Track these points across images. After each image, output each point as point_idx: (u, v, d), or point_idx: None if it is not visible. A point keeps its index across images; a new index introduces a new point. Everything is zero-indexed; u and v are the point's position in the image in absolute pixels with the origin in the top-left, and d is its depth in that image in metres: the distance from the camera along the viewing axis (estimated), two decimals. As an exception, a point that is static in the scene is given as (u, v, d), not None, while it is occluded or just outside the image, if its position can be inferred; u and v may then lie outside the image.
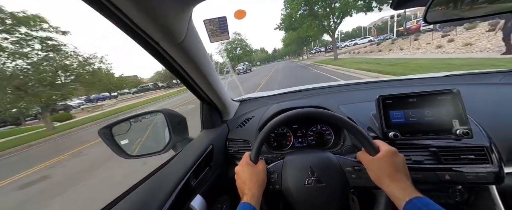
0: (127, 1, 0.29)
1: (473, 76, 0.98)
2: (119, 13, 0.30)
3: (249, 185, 0.51)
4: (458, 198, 0.64)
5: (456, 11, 0.51)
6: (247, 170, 0.54)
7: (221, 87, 0.81)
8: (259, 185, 0.52)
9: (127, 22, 0.32)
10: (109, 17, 0.32)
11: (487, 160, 0.55)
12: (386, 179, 0.45)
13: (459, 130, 0.58)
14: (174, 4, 0.34)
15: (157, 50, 0.42)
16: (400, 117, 0.65)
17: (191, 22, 0.42)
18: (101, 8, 0.30)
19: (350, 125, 0.54)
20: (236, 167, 0.58)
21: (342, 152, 0.76)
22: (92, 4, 0.29)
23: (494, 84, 0.84)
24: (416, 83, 1.03)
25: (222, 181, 0.81)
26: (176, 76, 0.57)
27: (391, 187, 0.43)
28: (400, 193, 0.42)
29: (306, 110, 0.60)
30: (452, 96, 0.61)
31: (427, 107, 0.63)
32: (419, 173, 0.59)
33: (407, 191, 0.41)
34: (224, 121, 0.96)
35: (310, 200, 0.51)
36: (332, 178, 0.53)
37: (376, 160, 0.48)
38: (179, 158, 0.70)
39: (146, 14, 0.32)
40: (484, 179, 0.54)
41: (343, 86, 1.17)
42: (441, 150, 0.60)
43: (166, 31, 0.37)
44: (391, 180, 0.44)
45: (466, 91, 0.80)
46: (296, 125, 0.91)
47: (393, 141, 0.64)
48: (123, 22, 0.33)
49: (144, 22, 0.34)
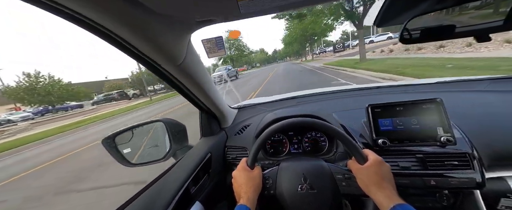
0: (131, 33, 0.33)
1: (461, 83, 1.02)
2: (124, 42, 0.34)
3: (245, 189, 0.54)
4: (445, 203, 0.67)
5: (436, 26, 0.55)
6: (243, 174, 0.58)
7: (219, 96, 0.85)
8: (254, 189, 0.55)
9: (132, 49, 0.37)
10: (115, 45, 0.36)
11: (470, 165, 0.59)
12: (373, 187, 0.48)
13: (443, 137, 0.61)
14: (173, 34, 0.38)
15: (160, 71, 0.47)
16: (388, 124, 0.69)
17: (190, 45, 0.47)
18: (107, 37, 0.34)
19: (341, 135, 0.58)
20: (234, 171, 0.61)
21: (335, 158, 0.79)
22: (99, 35, 0.33)
23: (480, 92, 0.88)
24: (407, 90, 1.07)
25: (220, 188, 0.84)
26: (176, 90, 0.61)
27: (377, 195, 0.47)
28: (385, 201, 0.45)
29: (299, 120, 0.64)
30: (435, 105, 0.65)
31: (413, 115, 0.67)
32: (407, 179, 0.62)
33: (392, 199, 0.45)
34: (222, 128, 1.00)
35: (303, 206, 0.54)
36: (323, 185, 0.56)
37: (365, 169, 0.51)
38: (178, 166, 0.73)
39: (148, 42, 0.36)
40: (466, 184, 0.57)
41: (337, 93, 1.21)
42: (427, 156, 0.63)
43: (167, 56, 0.41)
44: (378, 188, 0.48)
45: (453, 98, 0.84)
46: (291, 132, 0.94)
47: (382, 148, 0.67)
48: (127, 49, 0.37)
49: (147, 49, 0.38)
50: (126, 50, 0.37)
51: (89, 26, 0.32)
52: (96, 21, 0.31)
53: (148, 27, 0.34)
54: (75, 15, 0.29)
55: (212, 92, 0.75)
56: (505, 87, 0.86)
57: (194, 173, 0.67)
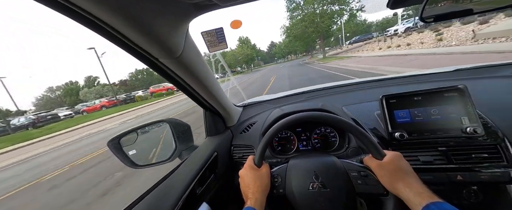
0: (123, 22, 0.30)
1: (483, 69, 0.94)
2: (117, 33, 0.32)
3: (253, 189, 0.51)
4: (473, 199, 0.61)
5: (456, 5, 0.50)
6: (250, 173, 0.55)
7: (223, 94, 0.82)
8: (262, 189, 0.52)
9: (126, 42, 0.34)
10: (108, 38, 0.34)
11: (501, 158, 0.53)
12: (400, 183, 0.43)
13: (469, 127, 0.56)
14: (169, 22, 0.36)
15: (157, 65, 0.44)
16: (406, 116, 0.64)
17: (188, 36, 0.44)
18: (100, 30, 0.32)
19: (355, 129, 0.54)
20: (240, 170, 0.58)
21: (347, 154, 0.75)
22: (91, 27, 0.31)
23: (506, 77, 0.81)
24: (422, 80, 1.00)
25: (228, 189, 0.82)
26: (177, 87, 0.59)
27: (406, 192, 0.42)
28: (416, 198, 0.40)
29: (308, 114, 0.60)
30: (459, 93, 0.59)
31: (433, 105, 0.61)
32: (429, 174, 0.57)
33: (423, 196, 0.39)
34: (228, 127, 0.97)
35: (314, 205, 0.51)
36: (337, 183, 0.52)
37: (386, 164, 0.47)
38: (184, 166, 0.71)
39: (142, 33, 0.33)
40: (499, 179, 0.52)
41: (346, 86, 1.16)
42: (451, 149, 0.57)
43: (164, 48, 0.39)
44: (405, 185, 0.42)
45: (477, 86, 0.77)
46: (299, 128, 0.90)
47: (400, 142, 0.62)
48: (121, 42, 0.34)
49: (142, 41, 0.35)
50: (119, 42, 0.35)
51: (77, 15, 0.30)
52: (84, 8, 0.29)
53: (141, 15, 0.31)
54: (63, 2, 0.26)
55: (216, 89, 0.72)
56: None
57: (200, 173, 0.65)
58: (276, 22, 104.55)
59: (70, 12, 0.28)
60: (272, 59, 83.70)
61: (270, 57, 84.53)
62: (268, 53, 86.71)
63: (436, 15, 0.46)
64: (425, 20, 0.45)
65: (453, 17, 0.48)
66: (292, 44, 37.76)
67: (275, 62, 72.08)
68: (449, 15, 0.47)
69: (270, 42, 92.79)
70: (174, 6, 0.34)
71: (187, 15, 0.38)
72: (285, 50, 65.24)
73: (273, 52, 77.17)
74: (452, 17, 0.47)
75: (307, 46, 39.19)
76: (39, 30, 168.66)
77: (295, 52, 66.91)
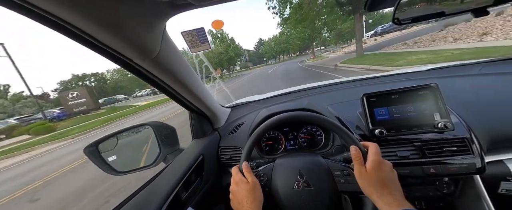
0: (91, 22, 0.28)
1: (454, 68, 1.02)
2: (85, 34, 0.30)
3: (247, 206, 0.49)
4: (445, 190, 0.65)
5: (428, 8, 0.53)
6: (242, 189, 0.52)
7: (208, 94, 0.81)
8: (257, 204, 0.50)
9: (95, 43, 0.32)
10: (75, 39, 0.32)
11: (469, 151, 0.57)
12: (374, 194, 0.45)
13: (440, 123, 0.60)
14: (142, 22, 0.34)
15: (133, 67, 0.42)
16: (385, 113, 0.67)
17: (165, 36, 0.42)
18: (66, 31, 0.30)
19: (336, 127, 0.55)
20: (231, 186, 0.56)
21: (332, 152, 0.77)
22: (54, 27, 0.29)
23: (474, 76, 0.87)
24: (401, 79, 1.06)
25: (215, 191, 0.80)
26: (158, 89, 0.56)
27: (378, 202, 0.44)
28: (385, 208, 0.42)
29: (292, 114, 0.61)
30: (431, 91, 0.63)
31: (409, 102, 0.65)
32: (406, 168, 0.60)
33: (392, 206, 0.42)
34: (215, 128, 0.96)
35: (299, 204, 0.51)
36: (320, 182, 0.53)
37: (365, 175, 0.48)
38: (168, 171, 0.69)
39: (112, 34, 0.31)
40: (466, 170, 0.56)
41: (331, 86, 1.19)
42: (425, 144, 0.61)
43: (138, 48, 0.37)
44: (378, 196, 0.44)
45: (448, 83, 0.82)
46: (286, 128, 0.91)
47: (379, 138, 0.65)
48: (90, 43, 0.32)
49: (112, 42, 0.33)
50: (86, 42, 0.32)
51: (43, 18, 0.27)
52: (50, 12, 0.26)
53: (110, 15, 0.29)
54: (25, 5, 0.24)
55: (200, 90, 0.70)
56: (498, 70, 0.85)
57: (184, 177, 0.63)
58: (265, 21, 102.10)
59: (25, 10, 0.26)
60: (260, 60, 73.71)
61: (258, 58, 75.07)
62: (255, 53, 78.47)
63: (409, 18, 0.48)
64: (398, 22, 0.48)
65: (424, 19, 0.51)
66: (290, 37, 29.89)
67: (265, 64, 61.24)
68: (420, 18, 0.50)
69: (258, 39, 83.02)
70: (147, 6, 0.32)
71: (162, 14, 0.36)
72: (277, 49, 56.64)
73: (262, 51, 67.42)
74: (423, 19, 0.50)
75: (310, 37, 28.59)
76: None
77: (288, 50, 55.71)
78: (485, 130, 0.62)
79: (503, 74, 0.80)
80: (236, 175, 0.56)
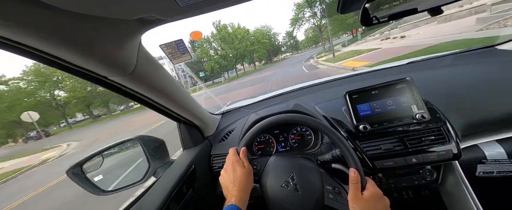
0: (56, 46, 0.28)
1: (428, 60, 1.08)
2: (51, 57, 0.29)
3: (239, 187, 0.49)
4: (428, 178, 0.68)
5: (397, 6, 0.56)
6: (237, 170, 0.52)
7: (195, 104, 0.80)
8: (247, 189, 0.50)
9: (64, 64, 0.31)
10: (42, 61, 0.31)
11: (445, 139, 0.61)
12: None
13: (417, 114, 0.63)
14: (113, 40, 0.33)
15: (108, 83, 0.41)
16: (367, 109, 0.69)
17: (141, 50, 0.42)
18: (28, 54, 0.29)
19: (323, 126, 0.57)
20: (225, 164, 0.56)
21: (321, 150, 0.78)
22: (22, 54, 0.28)
23: (446, 66, 0.93)
24: (383, 74, 1.11)
25: (209, 200, 0.79)
26: (142, 104, 0.56)
27: None
28: None
29: (278, 117, 0.61)
30: (407, 84, 0.66)
31: (388, 96, 0.68)
32: (390, 160, 0.63)
33: None
34: (205, 137, 0.95)
35: (282, 202, 0.51)
36: (309, 191, 0.52)
37: (362, 201, 0.46)
38: (158, 185, 0.67)
39: (81, 53, 0.31)
40: (444, 157, 0.59)
41: (318, 85, 1.22)
42: (405, 136, 0.64)
43: (111, 66, 0.36)
44: None
45: (423, 76, 0.87)
46: (277, 130, 0.92)
47: (364, 133, 0.67)
48: (58, 64, 0.31)
49: (83, 62, 0.33)
50: (55, 64, 0.31)
51: (7, 46, 0.27)
52: (12, 39, 0.26)
53: (78, 36, 0.29)
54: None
55: (186, 100, 0.70)
56: (466, 60, 0.91)
57: (175, 190, 0.62)
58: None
59: None
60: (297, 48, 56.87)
61: (295, 46, 59.53)
62: (288, 43, 64.38)
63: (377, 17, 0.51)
64: (365, 23, 0.50)
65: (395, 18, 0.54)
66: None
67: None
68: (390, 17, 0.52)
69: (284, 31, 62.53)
70: (115, 24, 0.32)
71: (133, 32, 0.36)
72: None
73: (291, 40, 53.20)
74: (392, 18, 0.53)
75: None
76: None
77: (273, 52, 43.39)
78: (459, 117, 0.66)
79: (472, 64, 0.86)
80: (234, 155, 0.56)
